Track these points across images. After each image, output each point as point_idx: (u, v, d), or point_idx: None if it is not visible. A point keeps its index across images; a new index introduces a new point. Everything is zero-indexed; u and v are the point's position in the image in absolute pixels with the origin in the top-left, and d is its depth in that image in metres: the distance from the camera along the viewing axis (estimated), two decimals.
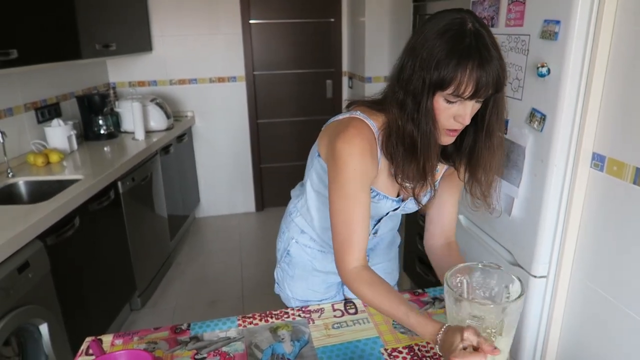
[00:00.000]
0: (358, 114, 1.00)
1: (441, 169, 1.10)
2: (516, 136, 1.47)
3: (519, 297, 0.83)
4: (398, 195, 1.12)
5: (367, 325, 1.13)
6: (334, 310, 1.19)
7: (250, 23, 3.72)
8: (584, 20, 1.21)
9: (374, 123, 0.99)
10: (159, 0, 3.52)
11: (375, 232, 1.23)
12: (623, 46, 1.19)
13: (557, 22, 1.26)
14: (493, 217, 1.56)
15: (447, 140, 0.95)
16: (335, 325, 1.13)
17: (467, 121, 0.89)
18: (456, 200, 1.15)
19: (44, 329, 1.66)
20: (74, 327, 1.88)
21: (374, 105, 1.02)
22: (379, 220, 1.19)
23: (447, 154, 1.04)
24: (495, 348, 0.78)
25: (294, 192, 1.33)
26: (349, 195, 0.97)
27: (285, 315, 1.18)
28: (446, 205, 1.14)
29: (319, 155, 1.10)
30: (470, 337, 0.79)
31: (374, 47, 3.36)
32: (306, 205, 1.23)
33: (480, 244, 1.74)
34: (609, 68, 1.23)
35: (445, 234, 1.16)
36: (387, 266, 1.39)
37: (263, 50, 3.83)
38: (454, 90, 0.85)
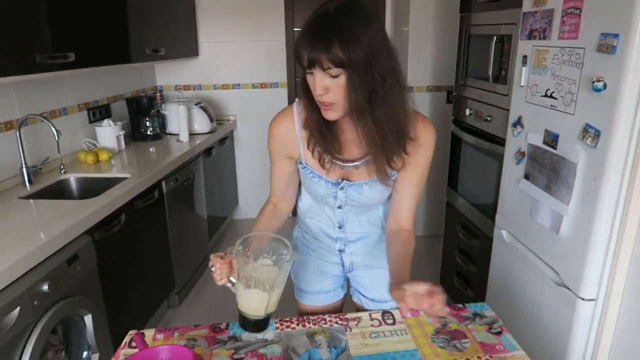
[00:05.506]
0: (296, 100, 1.16)
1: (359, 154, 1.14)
2: (567, 152, 1.42)
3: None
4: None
5: (404, 337, 1.11)
6: (372, 319, 1.18)
7: (294, 31, 3.76)
8: None
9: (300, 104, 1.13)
10: (207, 8, 3.63)
11: (340, 227, 1.28)
12: None
13: (616, 35, 1.22)
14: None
15: (325, 114, 1.03)
16: (373, 335, 1.12)
17: (317, 91, 0.98)
18: (414, 192, 1.19)
19: (88, 320, 1.73)
20: (115, 320, 1.94)
21: None
22: (340, 209, 1.25)
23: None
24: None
25: None
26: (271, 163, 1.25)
27: (323, 322, 1.18)
28: (404, 196, 1.19)
29: None
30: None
31: (417, 57, 3.32)
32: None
33: (524, 261, 1.68)
34: None
35: (398, 221, 1.21)
36: (387, 274, 1.14)
37: None
38: (299, 61, 0.97)
